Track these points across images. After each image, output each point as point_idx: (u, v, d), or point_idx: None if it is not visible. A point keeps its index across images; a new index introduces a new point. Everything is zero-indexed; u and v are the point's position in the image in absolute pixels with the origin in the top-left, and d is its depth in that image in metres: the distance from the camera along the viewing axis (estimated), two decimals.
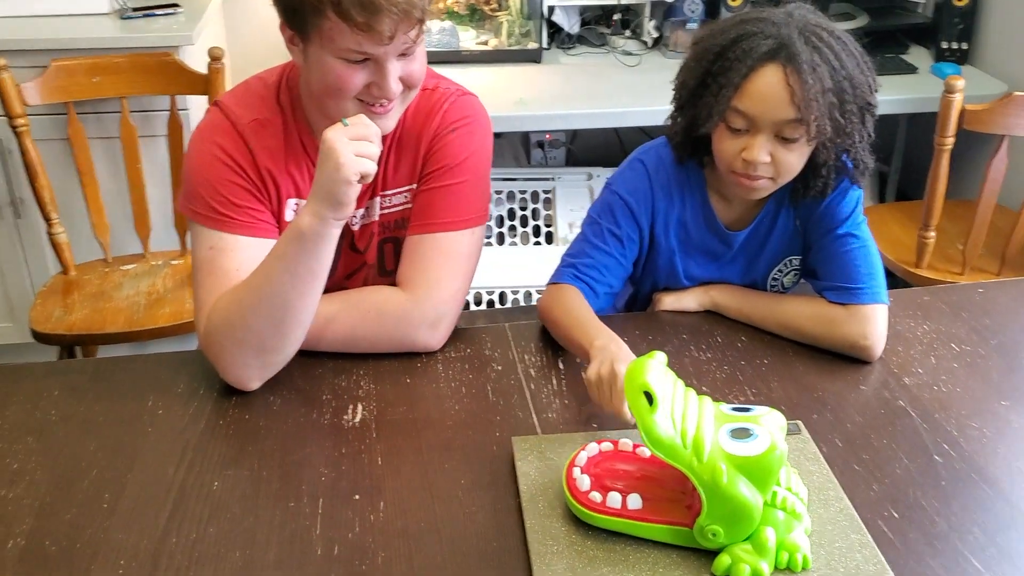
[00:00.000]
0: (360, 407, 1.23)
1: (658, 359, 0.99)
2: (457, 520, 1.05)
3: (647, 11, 2.83)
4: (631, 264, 1.43)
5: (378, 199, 1.37)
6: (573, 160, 3.11)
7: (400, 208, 1.38)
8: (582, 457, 1.05)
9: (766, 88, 1.22)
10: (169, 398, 1.25)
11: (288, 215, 1.35)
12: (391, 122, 1.28)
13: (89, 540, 1.02)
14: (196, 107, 2.41)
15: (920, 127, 2.93)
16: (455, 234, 1.33)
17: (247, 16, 2.90)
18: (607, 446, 1.07)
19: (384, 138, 1.35)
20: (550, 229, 2.79)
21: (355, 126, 1.15)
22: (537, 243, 2.77)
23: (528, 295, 2.70)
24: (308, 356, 1.31)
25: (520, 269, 2.66)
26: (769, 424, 0.97)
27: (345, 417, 1.22)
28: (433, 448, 1.17)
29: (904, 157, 3.02)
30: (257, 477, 1.12)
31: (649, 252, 1.43)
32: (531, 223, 2.79)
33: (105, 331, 2.07)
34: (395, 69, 1.21)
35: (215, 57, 2.16)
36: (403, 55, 1.21)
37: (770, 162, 1.26)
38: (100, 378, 1.30)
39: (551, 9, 2.79)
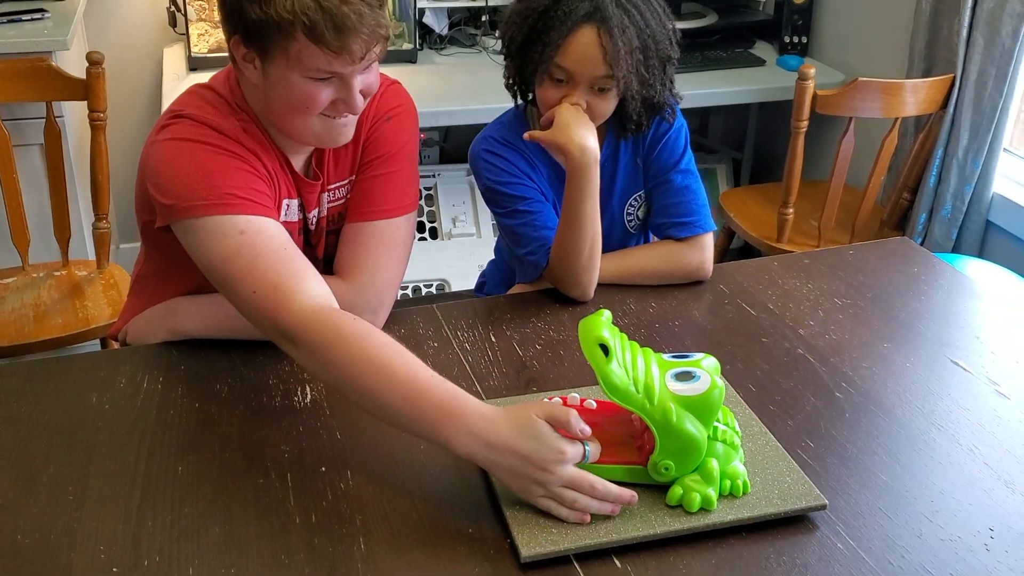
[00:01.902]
0: (308, 388, 1.28)
1: (606, 316, 1.08)
2: (424, 480, 1.12)
3: None
4: None
5: (326, 194, 1.41)
6: (447, 158, 3.19)
7: (342, 201, 1.42)
8: None
9: (583, 48, 1.40)
10: (113, 394, 1.26)
11: (282, 215, 1.34)
12: (351, 131, 1.32)
13: (63, 530, 1.03)
14: (72, 114, 2.35)
15: (768, 115, 3.18)
16: (393, 220, 1.38)
17: (107, 20, 2.84)
18: (557, 401, 1.16)
19: None
20: (434, 225, 2.86)
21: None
22: (423, 239, 2.83)
23: (417, 290, 2.76)
24: (248, 345, 1.34)
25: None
26: (707, 366, 1.08)
27: (295, 399, 1.26)
28: None
29: (755, 144, 3.25)
30: (220, 459, 1.14)
31: None
32: None
33: None
34: (359, 84, 1.24)
35: (95, 62, 2.11)
36: (364, 69, 1.25)
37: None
38: (36, 379, 1.28)
39: (421, 11, 2.86)
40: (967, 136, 2.33)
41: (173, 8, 2.79)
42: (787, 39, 2.95)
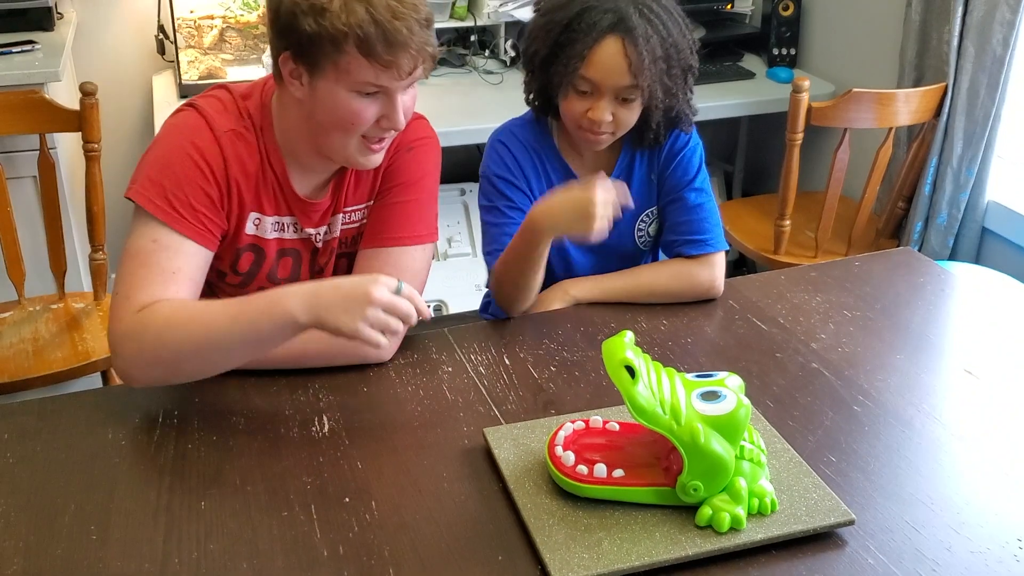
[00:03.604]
0: (325, 418, 1.26)
1: (629, 337, 1.08)
2: (449, 509, 1.11)
3: (502, 32, 2.95)
4: None
5: (340, 216, 1.41)
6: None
7: (358, 224, 1.43)
8: (560, 436, 1.13)
9: (607, 59, 1.41)
10: (129, 429, 1.24)
11: (249, 227, 1.36)
12: (382, 156, 1.33)
13: (88, 572, 1.01)
14: (66, 145, 2.34)
15: (758, 128, 3.20)
16: (408, 249, 1.38)
17: (94, 50, 2.82)
18: (580, 425, 1.16)
19: None
20: None
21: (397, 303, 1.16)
22: None
23: None
24: (261, 375, 1.33)
25: None
26: (731, 385, 1.08)
27: (313, 429, 1.25)
28: (407, 448, 1.21)
29: (745, 156, 3.27)
30: (243, 492, 1.13)
31: None
32: None
33: None
34: (401, 102, 1.26)
35: (88, 92, 2.09)
36: (407, 87, 1.26)
37: (611, 120, 1.45)
38: (49, 417, 1.27)
39: None
40: (961, 144, 2.35)
41: (161, 36, 2.78)
42: (775, 51, 2.97)
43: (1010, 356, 1.43)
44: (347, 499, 1.12)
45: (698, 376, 1.10)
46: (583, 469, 1.08)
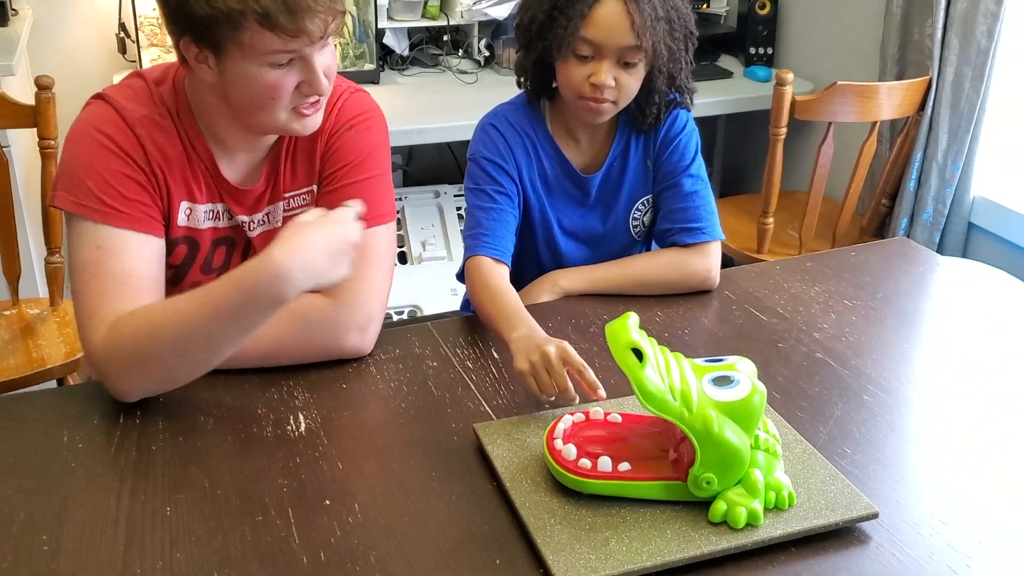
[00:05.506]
0: (301, 417, 1.17)
1: (633, 319, 1.00)
2: (439, 511, 1.02)
3: (476, 31, 2.88)
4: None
5: (281, 204, 1.33)
6: (412, 180, 3.11)
7: (301, 209, 1.33)
8: (559, 429, 1.05)
9: (609, 16, 1.35)
10: (87, 431, 1.14)
11: (181, 219, 1.27)
12: (320, 118, 1.24)
13: None
14: (19, 142, 2.22)
15: (736, 128, 3.15)
16: (369, 232, 1.28)
17: (52, 48, 2.71)
18: (579, 416, 1.08)
19: (281, 140, 1.31)
20: (403, 249, 2.77)
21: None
22: None
23: (387, 316, 2.65)
24: (231, 373, 1.23)
25: None
26: (744, 369, 1.01)
27: (288, 428, 1.15)
28: (392, 447, 1.12)
29: (723, 157, 3.22)
30: (212, 496, 1.03)
31: (524, 208, 1.50)
32: None
33: None
34: (320, 63, 1.17)
35: (44, 86, 1.98)
36: (322, 48, 1.18)
37: (614, 86, 1.38)
38: None
39: (381, 32, 2.79)
40: (946, 138, 2.30)
41: (123, 34, 2.67)
42: (753, 51, 2.92)
43: (1017, 348, 1.37)
44: (327, 502, 1.03)
45: (708, 361, 1.03)
46: (586, 463, 0.99)
